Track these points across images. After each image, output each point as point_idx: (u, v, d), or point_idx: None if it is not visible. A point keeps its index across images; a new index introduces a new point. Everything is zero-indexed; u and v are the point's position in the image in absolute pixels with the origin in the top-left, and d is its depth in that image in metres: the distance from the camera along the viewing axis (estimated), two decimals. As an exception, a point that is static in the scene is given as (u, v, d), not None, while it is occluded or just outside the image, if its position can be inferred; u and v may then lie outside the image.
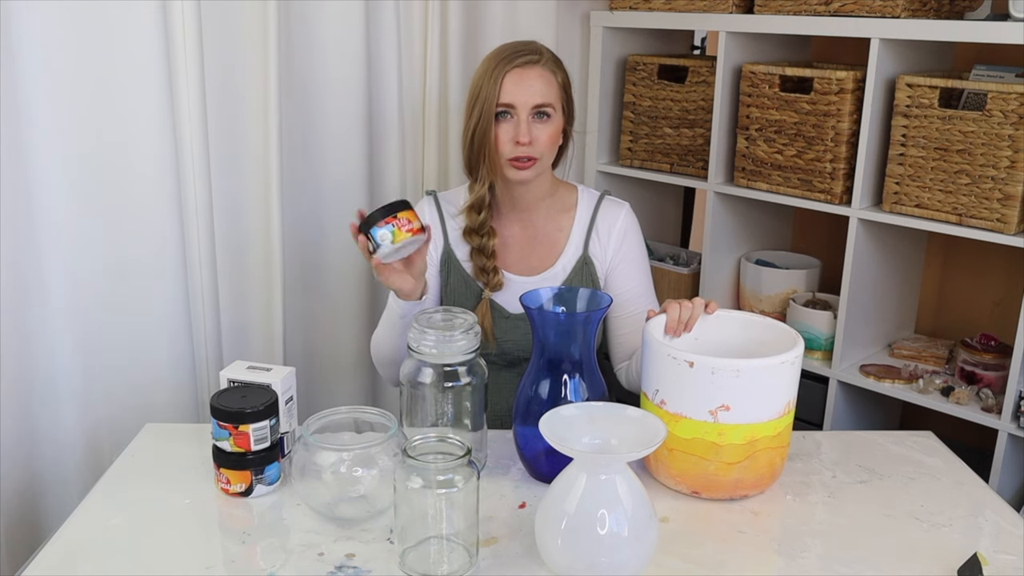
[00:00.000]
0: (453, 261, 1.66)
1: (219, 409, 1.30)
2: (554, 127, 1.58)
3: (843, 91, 1.97)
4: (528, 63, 1.56)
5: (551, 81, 1.58)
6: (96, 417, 1.79)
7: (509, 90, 1.55)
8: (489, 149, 1.56)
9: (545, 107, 1.56)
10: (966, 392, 1.95)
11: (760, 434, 1.28)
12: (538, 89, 1.56)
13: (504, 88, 1.55)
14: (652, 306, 1.68)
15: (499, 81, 1.55)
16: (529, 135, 1.55)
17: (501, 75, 1.55)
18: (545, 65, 1.58)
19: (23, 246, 1.63)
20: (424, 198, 1.70)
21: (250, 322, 1.94)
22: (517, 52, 1.57)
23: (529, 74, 1.55)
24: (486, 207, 1.62)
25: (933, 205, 1.90)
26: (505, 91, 1.55)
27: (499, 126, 1.56)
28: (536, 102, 1.55)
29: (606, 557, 1.09)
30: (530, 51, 1.58)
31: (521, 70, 1.55)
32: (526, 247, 1.68)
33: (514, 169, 1.57)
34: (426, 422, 1.32)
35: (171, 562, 1.18)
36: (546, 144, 1.58)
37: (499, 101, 1.55)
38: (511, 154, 1.56)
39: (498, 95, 1.55)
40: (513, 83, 1.55)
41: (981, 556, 1.16)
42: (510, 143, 1.56)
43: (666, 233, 2.74)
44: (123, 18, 1.64)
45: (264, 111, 1.82)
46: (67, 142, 1.65)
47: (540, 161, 1.58)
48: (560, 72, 1.60)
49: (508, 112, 1.56)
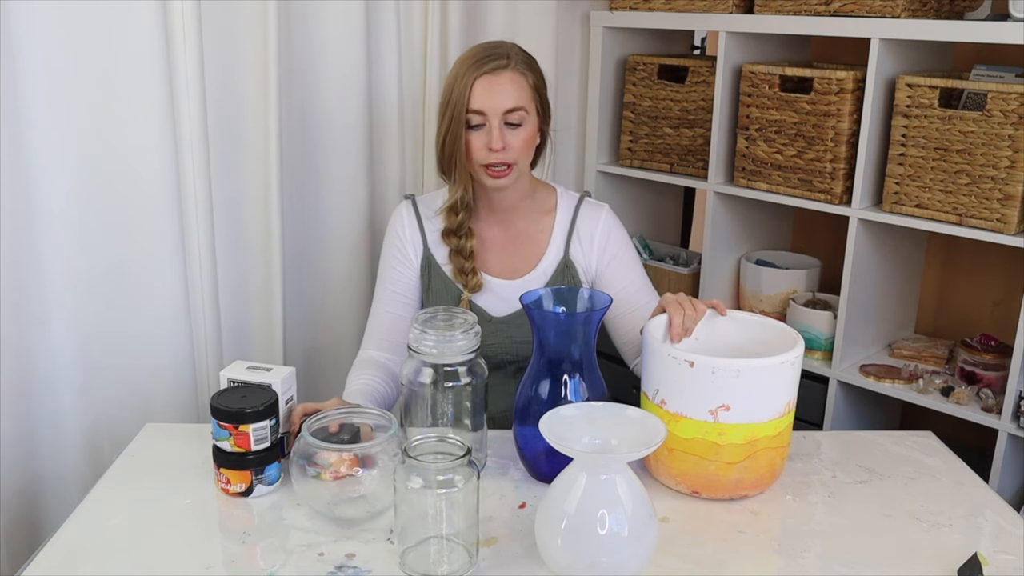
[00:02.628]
0: (433, 265, 1.65)
1: (219, 409, 1.30)
2: (528, 131, 1.56)
3: (843, 91, 1.97)
4: (497, 68, 1.53)
5: (522, 84, 1.55)
6: (96, 417, 1.79)
7: (479, 97, 1.52)
8: (460, 155, 1.55)
9: (517, 112, 1.54)
10: (966, 392, 1.95)
11: (760, 434, 1.28)
12: (509, 93, 1.53)
13: (474, 95, 1.52)
14: (652, 297, 1.67)
15: (468, 88, 1.52)
16: (502, 141, 1.53)
17: (471, 81, 1.52)
18: (515, 68, 1.54)
19: (23, 246, 1.63)
20: (402, 202, 1.69)
21: (250, 322, 1.94)
22: (486, 57, 1.54)
23: (499, 79, 1.53)
24: (463, 208, 1.60)
25: (933, 205, 1.90)
26: (475, 98, 1.52)
27: (471, 133, 1.54)
28: (507, 107, 1.53)
29: (606, 557, 1.09)
30: (499, 55, 1.55)
31: (491, 76, 1.53)
32: (506, 249, 1.66)
33: (490, 177, 1.56)
34: (426, 422, 1.32)
35: (171, 562, 1.18)
36: (520, 149, 1.55)
37: (469, 108, 1.52)
38: (485, 160, 1.54)
39: (468, 103, 1.52)
40: (483, 90, 1.52)
41: (981, 556, 1.16)
42: (483, 150, 1.54)
43: (666, 233, 2.74)
44: (123, 18, 1.64)
45: (264, 111, 1.82)
46: (67, 142, 1.65)
47: (516, 166, 1.56)
48: (532, 73, 1.57)
49: (480, 119, 1.54)
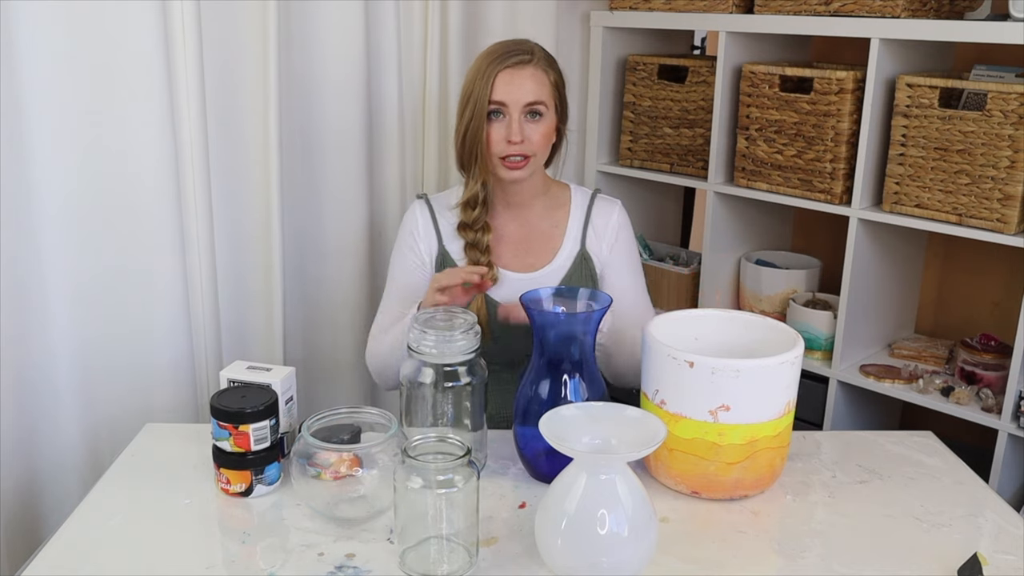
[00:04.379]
0: (448, 262, 1.66)
1: (219, 409, 1.30)
2: (547, 126, 1.60)
3: (843, 91, 1.97)
4: (520, 63, 1.57)
5: (543, 80, 1.58)
6: (96, 417, 1.78)
7: (501, 89, 1.56)
8: (481, 148, 1.58)
9: (537, 105, 1.57)
10: (966, 392, 1.95)
11: (760, 434, 1.28)
12: (530, 88, 1.56)
13: (496, 87, 1.56)
14: (640, 303, 1.69)
15: (491, 80, 1.56)
16: (521, 134, 1.56)
17: (493, 74, 1.56)
18: (537, 64, 1.58)
19: (23, 247, 1.63)
20: (415, 201, 1.71)
21: (250, 322, 1.94)
22: (509, 52, 1.58)
23: (521, 73, 1.56)
24: (480, 203, 1.63)
25: (933, 205, 1.90)
26: (497, 90, 1.56)
27: (491, 125, 1.58)
28: (528, 100, 1.56)
29: (606, 557, 1.09)
30: (523, 51, 1.59)
31: (513, 70, 1.56)
32: (522, 244, 1.68)
33: (506, 168, 1.59)
34: (426, 422, 1.32)
35: (171, 562, 1.18)
36: (539, 143, 1.59)
37: (491, 99, 1.56)
38: (503, 153, 1.57)
39: (490, 94, 1.56)
40: (505, 82, 1.56)
41: (981, 556, 1.16)
42: (502, 142, 1.57)
43: (666, 233, 2.74)
44: (123, 18, 1.64)
45: (264, 111, 1.82)
46: (66, 143, 1.65)
47: (533, 159, 1.59)
48: (552, 71, 1.61)
49: (500, 111, 1.57)
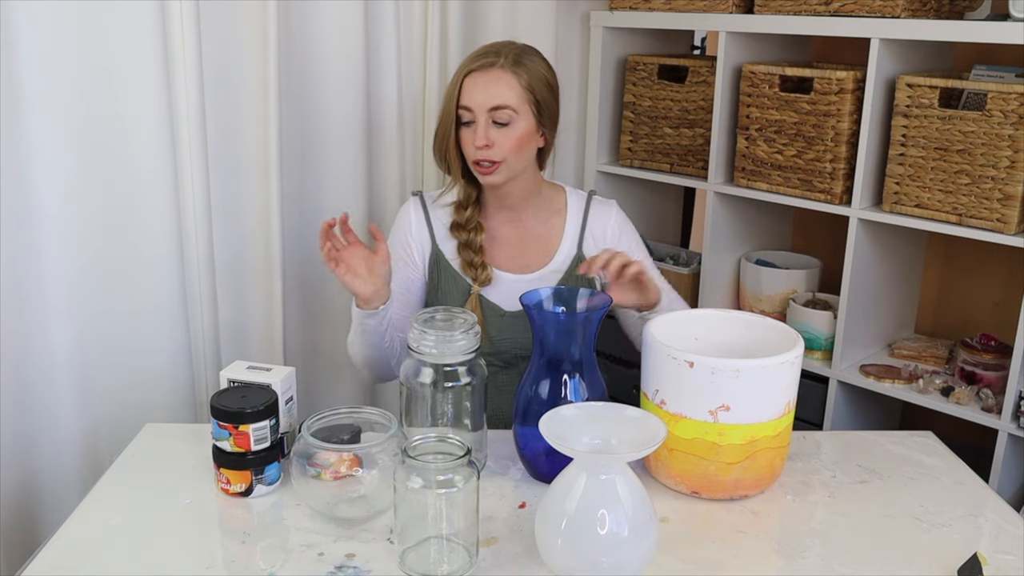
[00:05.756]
0: (442, 261, 1.66)
1: (219, 409, 1.30)
2: (518, 130, 1.55)
3: (843, 91, 1.97)
4: (484, 66, 1.54)
5: (511, 83, 1.54)
6: (95, 417, 1.78)
7: (467, 93, 1.54)
8: (450, 150, 1.57)
9: (503, 111, 1.53)
10: (966, 392, 1.95)
11: (760, 434, 1.28)
12: (494, 92, 1.53)
13: (463, 91, 1.54)
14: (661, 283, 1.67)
15: (458, 84, 1.55)
16: (486, 138, 1.53)
17: (460, 78, 1.55)
18: (504, 67, 1.54)
19: (22, 245, 1.63)
20: (410, 199, 1.71)
21: (250, 322, 1.94)
22: (478, 55, 1.57)
23: (485, 77, 1.54)
24: (473, 203, 1.62)
25: (933, 205, 1.90)
26: (464, 94, 1.54)
27: (463, 130, 1.56)
28: (492, 104, 1.53)
29: (606, 557, 1.09)
30: (490, 53, 1.56)
31: (478, 73, 1.54)
32: (518, 246, 1.67)
33: (480, 173, 1.58)
34: (426, 422, 1.32)
35: (171, 562, 1.18)
36: (510, 148, 1.55)
37: (458, 104, 1.55)
38: (473, 157, 1.56)
39: (457, 98, 1.55)
40: (470, 86, 1.54)
41: (981, 556, 1.16)
42: (472, 147, 1.55)
43: (666, 233, 2.74)
44: (122, 18, 1.64)
45: (263, 111, 1.82)
46: (65, 142, 1.65)
47: (505, 164, 1.56)
48: (525, 73, 1.55)
49: (468, 115, 1.55)
